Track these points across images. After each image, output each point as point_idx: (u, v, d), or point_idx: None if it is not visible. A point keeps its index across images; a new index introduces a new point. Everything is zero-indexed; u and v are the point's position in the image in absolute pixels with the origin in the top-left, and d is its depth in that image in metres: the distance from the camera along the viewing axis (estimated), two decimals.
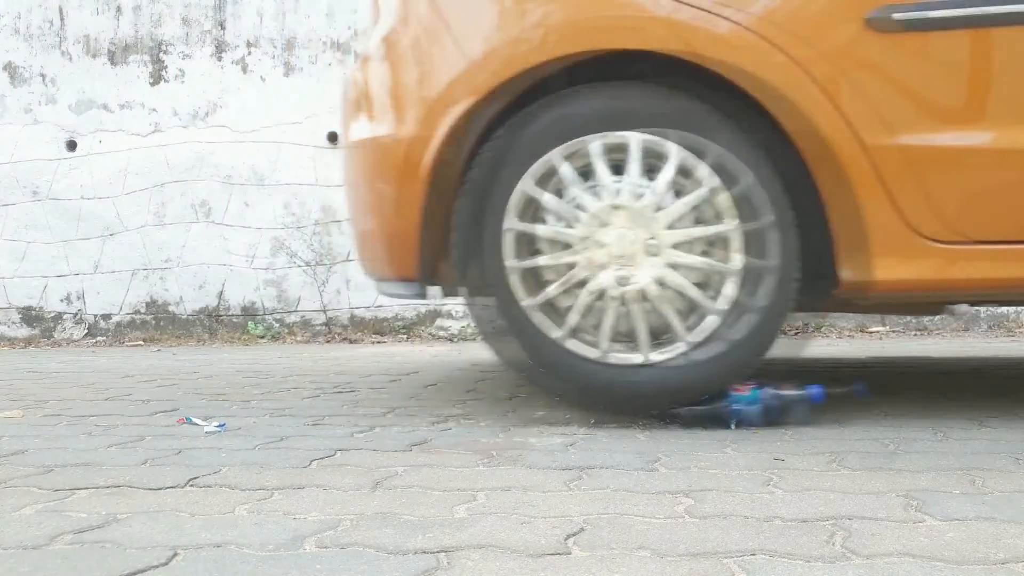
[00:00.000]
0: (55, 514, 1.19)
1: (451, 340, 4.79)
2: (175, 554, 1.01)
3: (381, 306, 5.02)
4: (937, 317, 4.76)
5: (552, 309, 1.83)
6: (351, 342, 4.78)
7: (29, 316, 5.18)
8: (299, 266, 5.05)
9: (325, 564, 0.97)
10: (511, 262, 1.82)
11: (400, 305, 5.01)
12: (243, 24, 5.10)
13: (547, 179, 1.81)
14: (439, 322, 5.01)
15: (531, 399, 2.27)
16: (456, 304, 5.00)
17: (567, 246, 1.79)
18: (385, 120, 1.91)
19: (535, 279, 1.83)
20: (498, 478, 1.37)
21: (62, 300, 5.16)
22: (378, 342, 4.75)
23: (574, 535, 1.06)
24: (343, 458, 1.54)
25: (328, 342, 4.83)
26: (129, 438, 1.78)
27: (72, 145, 5.14)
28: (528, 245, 1.84)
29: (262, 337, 4.95)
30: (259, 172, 5.06)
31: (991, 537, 1.03)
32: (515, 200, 1.81)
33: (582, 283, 1.78)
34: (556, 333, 1.80)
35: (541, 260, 1.81)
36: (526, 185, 1.80)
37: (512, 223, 1.82)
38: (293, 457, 1.56)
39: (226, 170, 5.07)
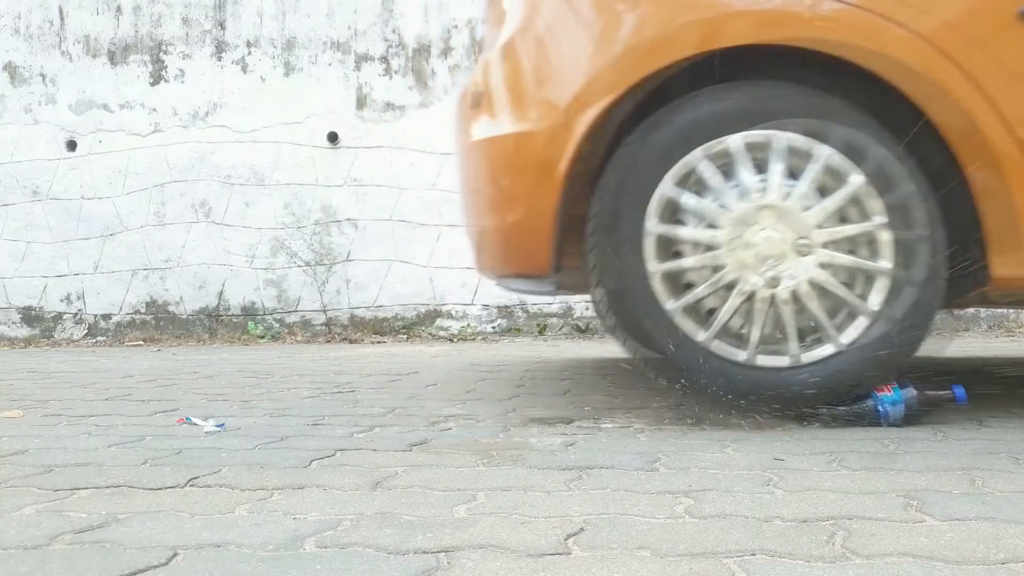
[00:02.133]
0: (55, 514, 1.19)
1: (451, 340, 4.79)
2: (175, 554, 1.01)
3: (381, 306, 5.02)
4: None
5: (697, 312, 1.81)
6: (351, 342, 4.78)
7: (29, 316, 5.18)
8: (299, 266, 5.05)
9: (325, 564, 0.97)
10: (653, 266, 1.80)
11: (400, 305, 5.01)
12: (243, 24, 5.10)
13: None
14: (439, 322, 5.01)
15: (531, 399, 2.27)
16: (456, 304, 5.00)
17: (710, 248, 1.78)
18: (521, 117, 1.91)
19: (675, 282, 1.82)
20: (498, 478, 1.37)
21: (62, 300, 5.16)
22: (378, 342, 4.75)
23: (574, 535, 1.06)
24: (343, 458, 1.54)
25: (328, 342, 4.83)
26: (129, 438, 1.78)
27: (72, 145, 5.14)
28: (667, 247, 1.82)
29: (262, 337, 4.95)
30: (259, 172, 5.07)
31: (991, 537, 1.03)
32: (677, 171, 1.80)
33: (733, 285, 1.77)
34: (701, 336, 1.79)
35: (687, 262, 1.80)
36: (694, 157, 1.79)
37: (668, 190, 1.80)
38: (293, 457, 1.56)
39: (226, 170, 5.07)
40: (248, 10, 5.10)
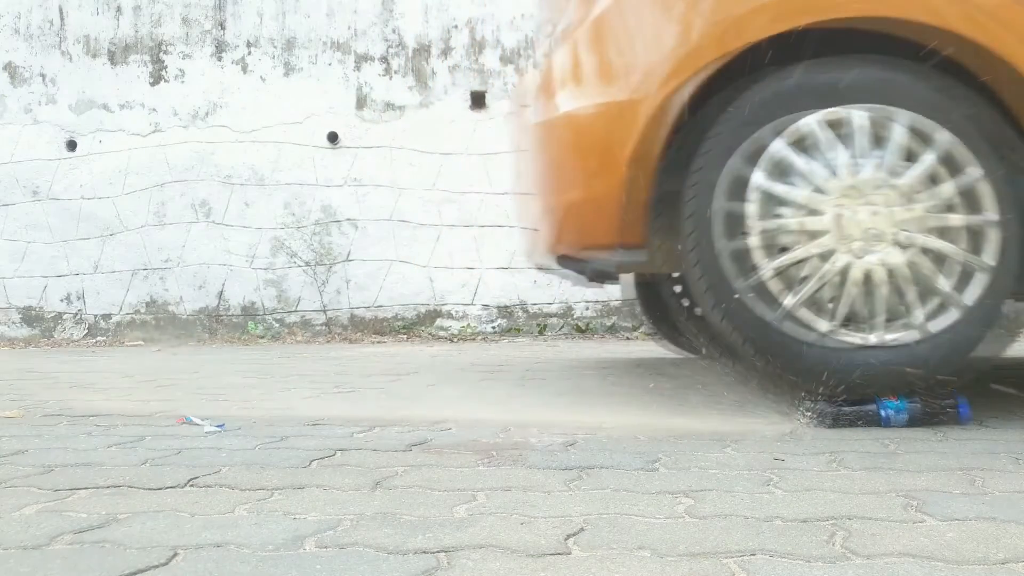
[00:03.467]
0: (55, 514, 1.19)
1: (451, 340, 4.79)
2: (175, 554, 1.01)
3: (381, 306, 5.02)
4: None
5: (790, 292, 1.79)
6: (351, 342, 4.78)
7: (29, 316, 5.18)
8: (299, 266, 5.05)
9: (325, 564, 0.97)
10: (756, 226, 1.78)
11: (400, 305, 5.01)
12: (243, 24, 5.10)
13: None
14: (439, 322, 5.01)
15: (531, 399, 2.27)
16: (456, 304, 5.00)
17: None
18: (621, 87, 1.90)
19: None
20: (498, 478, 1.37)
21: (62, 300, 5.16)
22: (378, 342, 4.75)
23: (574, 535, 1.06)
24: (343, 458, 1.54)
25: (328, 342, 4.83)
26: (129, 438, 1.78)
27: (72, 145, 5.14)
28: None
29: (262, 337, 4.95)
30: (259, 172, 5.07)
31: (991, 537, 1.03)
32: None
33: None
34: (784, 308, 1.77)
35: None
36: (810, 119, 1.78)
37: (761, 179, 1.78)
38: (293, 457, 1.56)
39: (226, 170, 5.07)
40: (248, 10, 5.10)
